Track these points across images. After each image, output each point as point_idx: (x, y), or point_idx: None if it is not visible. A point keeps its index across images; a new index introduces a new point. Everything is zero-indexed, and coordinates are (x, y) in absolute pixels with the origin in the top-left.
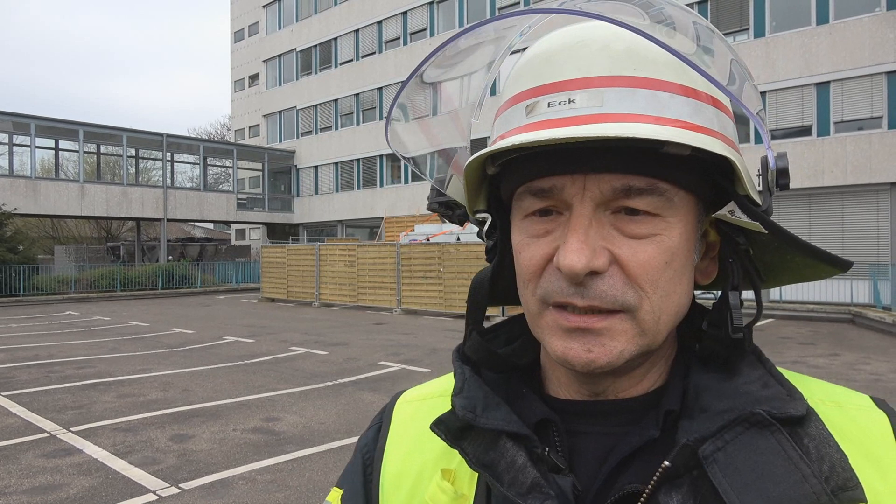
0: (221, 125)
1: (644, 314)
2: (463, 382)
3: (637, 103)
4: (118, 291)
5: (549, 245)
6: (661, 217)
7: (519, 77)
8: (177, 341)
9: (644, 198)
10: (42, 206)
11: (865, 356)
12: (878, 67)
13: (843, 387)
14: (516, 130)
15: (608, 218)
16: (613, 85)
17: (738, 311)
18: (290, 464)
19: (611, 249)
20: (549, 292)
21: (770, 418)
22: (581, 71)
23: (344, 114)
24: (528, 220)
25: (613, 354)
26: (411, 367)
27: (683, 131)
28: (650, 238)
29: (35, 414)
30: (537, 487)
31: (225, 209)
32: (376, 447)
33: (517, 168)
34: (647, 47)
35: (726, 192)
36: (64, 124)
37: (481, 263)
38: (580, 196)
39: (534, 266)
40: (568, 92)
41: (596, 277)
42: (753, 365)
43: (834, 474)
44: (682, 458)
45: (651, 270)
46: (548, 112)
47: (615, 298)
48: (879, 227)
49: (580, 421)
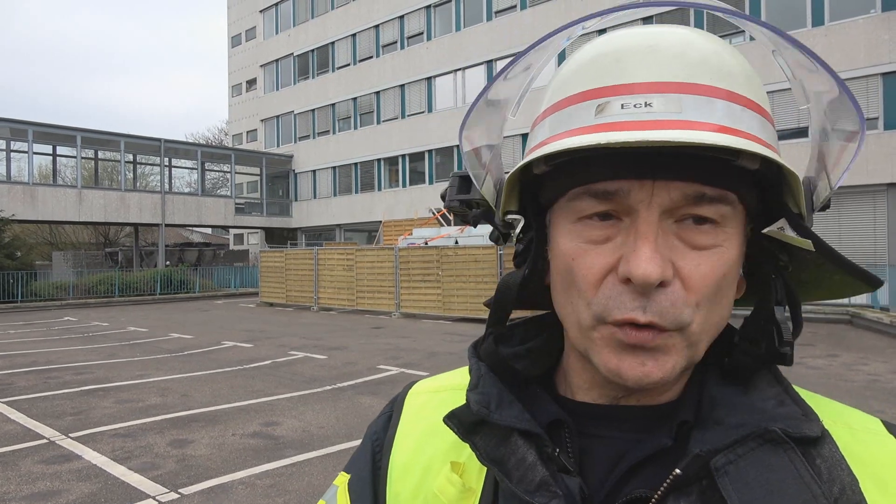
0: (219, 130)
1: (695, 327)
2: (478, 378)
3: (715, 113)
4: (116, 297)
5: (612, 254)
6: (723, 228)
7: (578, 76)
8: (175, 346)
9: (713, 206)
10: (40, 212)
11: (864, 357)
12: (873, 69)
13: (855, 409)
14: (584, 130)
15: (671, 227)
16: (691, 92)
17: (785, 325)
18: (289, 468)
19: (674, 262)
20: (608, 308)
21: (785, 436)
22: (657, 75)
23: (341, 118)
24: (583, 224)
25: (667, 370)
26: (410, 370)
27: (757, 145)
28: (713, 249)
29: (34, 420)
30: (545, 486)
31: (223, 214)
32: (386, 435)
33: (575, 169)
34: (721, 59)
35: (773, 208)
36: (61, 130)
37: (480, 267)
38: (647, 202)
39: (592, 276)
40: (644, 95)
41: (660, 290)
42: (770, 382)
43: (843, 497)
44: (693, 468)
45: (710, 284)
46: (622, 114)
47: (675, 317)
48: (876, 228)
49: (594, 424)
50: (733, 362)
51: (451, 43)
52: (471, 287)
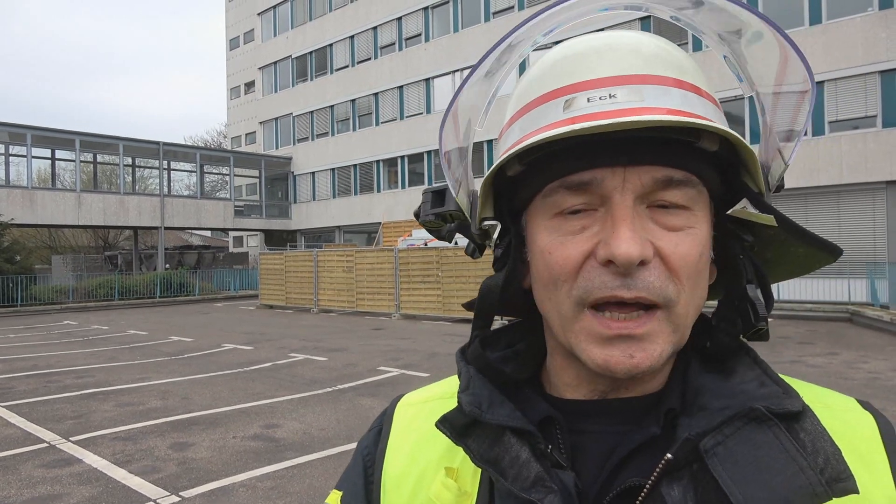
0: (218, 133)
1: (680, 308)
2: (468, 380)
3: (673, 100)
4: (116, 300)
5: (588, 241)
6: (692, 211)
7: (542, 79)
8: (175, 349)
9: (681, 190)
10: (39, 215)
11: (864, 355)
12: (871, 67)
13: (832, 390)
14: (555, 124)
15: (645, 212)
16: (649, 83)
17: (759, 301)
18: (290, 470)
19: (652, 242)
20: (589, 289)
21: (768, 413)
22: (618, 69)
23: (340, 120)
24: (559, 219)
25: (654, 357)
26: (410, 371)
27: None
28: (686, 230)
29: (34, 424)
30: (541, 481)
31: (222, 216)
32: (377, 449)
33: (548, 164)
34: (671, 53)
35: (733, 190)
36: (60, 134)
37: (479, 267)
38: (620, 188)
39: (571, 264)
40: (607, 88)
41: (642, 269)
42: (749, 366)
43: (828, 466)
44: (683, 452)
45: (690, 263)
46: (589, 106)
47: (660, 291)
48: (875, 225)
49: (583, 420)
50: (715, 344)
51: (449, 44)
52: (470, 288)
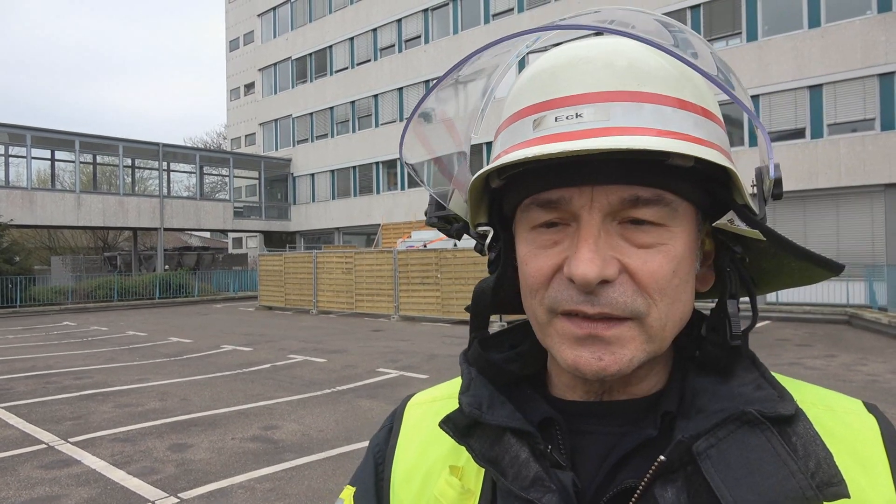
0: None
1: (652, 321)
2: (469, 381)
3: (643, 117)
4: (115, 301)
5: (558, 255)
6: (666, 227)
7: (522, 92)
8: (174, 350)
9: (650, 208)
10: (38, 216)
11: (862, 357)
12: (869, 70)
13: (838, 392)
14: (524, 144)
15: (615, 228)
16: (619, 100)
17: (736, 319)
18: (289, 472)
19: (620, 259)
20: (557, 301)
21: (761, 417)
22: (587, 86)
23: (340, 121)
24: (534, 232)
25: (623, 362)
26: (410, 373)
27: (687, 143)
28: (657, 247)
29: (33, 425)
30: (539, 481)
31: (222, 218)
32: (387, 447)
33: (524, 181)
34: (648, 64)
35: (723, 202)
36: (60, 135)
37: (478, 269)
38: (588, 207)
39: (542, 276)
40: (575, 107)
41: (606, 286)
42: (748, 369)
43: (820, 471)
44: (677, 454)
45: (660, 279)
46: (555, 126)
47: (626, 305)
48: (874, 228)
49: (583, 421)
50: (704, 353)
51: (448, 46)
52: (469, 289)
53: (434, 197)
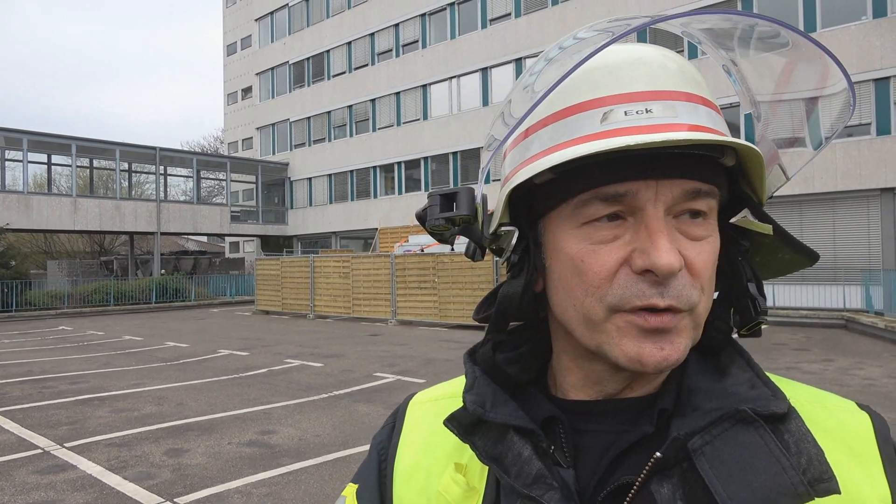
0: (215, 138)
1: (700, 310)
2: (474, 380)
3: (700, 117)
4: (111, 306)
5: (622, 249)
6: (710, 220)
7: (579, 85)
8: (171, 355)
9: (706, 200)
10: (34, 220)
11: (859, 361)
12: (865, 75)
13: (831, 392)
14: (595, 136)
15: (672, 222)
16: (680, 99)
17: (761, 298)
18: (285, 477)
19: (680, 251)
20: (626, 297)
21: (754, 415)
22: (650, 84)
23: (337, 125)
24: (590, 227)
25: (681, 351)
26: (407, 377)
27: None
28: (707, 239)
29: (28, 430)
30: (541, 479)
31: (219, 222)
32: (390, 444)
33: (585, 174)
34: (689, 70)
35: (734, 198)
36: (56, 139)
37: (475, 273)
38: (653, 200)
39: (605, 272)
40: (643, 102)
41: (674, 278)
42: (743, 368)
43: (811, 467)
44: (672, 451)
45: (708, 270)
46: (626, 120)
47: (688, 298)
48: (870, 232)
49: (585, 420)
50: (706, 339)
51: (446, 50)
52: (467, 294)
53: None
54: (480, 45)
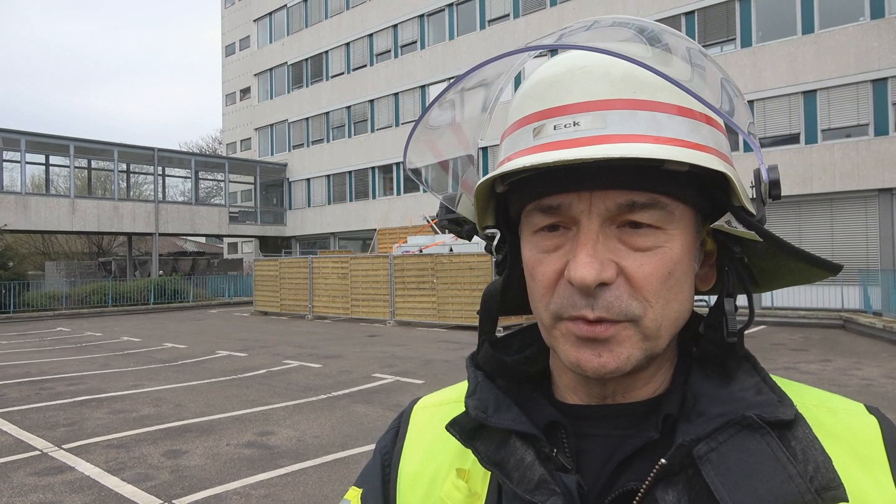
0: (213, 139)
1: (648, 322)
2: (476, 385)
3: (638, 124)
4: (110, 307)
5: (560, 260)
6: (663, 230)
7: (524, 100)
8: (169, 356)
9: (647, 212)
10: (32, 221)
11: (857, 361)
12: (863, 76)
13: (839, 395)
14: (525, 152)
15: (614, 232)
16: (615, 108)
17: (732, 317)
18: (284, 478)
19: (617, 262)
20: (562, 307)
21: (760, 421)
22: (584, 95)
23: (335, 126)
24: (538, 236)
25: (621, 359)
26: (405, 378)
27: (681, 149)
28: (654, 250)
29: (26, 431)
30: (544, 484)
31: (217, 223)
32: (394, 449)
33: (526, 187)
34: (645, 71)
35: (722, 203)
36: (54, 140)
37: (474, 274)
38: (587, 212)
39: (547, 281)
40: (573, 115)
41: (604, 289)
42: (749, 373)
43: (818, 475)
44: (678, 457)
45: (654, 281)
46: (554, 134)
47: (621, 310)
48: (868, 232)
49: (587, 424)
50: (701, 351)
51: (444, 51)
52: (465, 295)
53: (443, 201)
54: (479, 46)
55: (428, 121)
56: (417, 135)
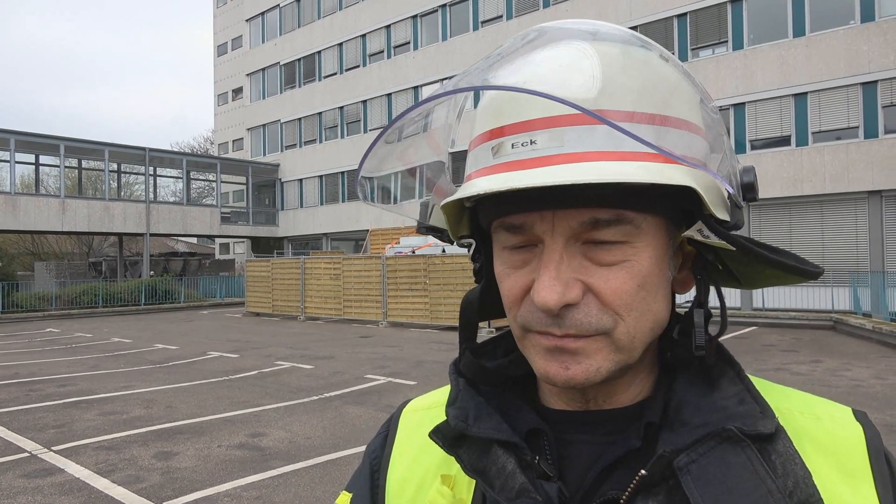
0: (205, 139)
1: (619, 334)
2: (457, 393)
3: (596, 140)
4: (100, 307)
5: (527, 276)
6: (630, 244)
7: (485, 113)
8: (160, 357)
9: (610, 228)
10: (22, 221)
11: (847, 362)
12: (853, 78)
13: (826, 399)
14: (485, 171)
15: (579, 249)
16: (572, 123)
17: (700, 329)
18: (275, 480)
19: (583, 280)
20: (528, 322)
21: (741, 434)
22: (540, 110)
23: (328, 127)
24: (506, 252)
25: (590, 372)
26: (397, 379)
27: (640, 164)
28: (621, 265)
29: (15, 433)
30: (525, 493)
31: (209, 223)
32: (383, 454)
33: (490, 205)
34: (608, 79)
35: (693, 211)
36: (44, 139)
37: (467, 275)
38: (550, 231)
39: (513, 296)
40: (530, 133)
41: (571, 309)
42: (733, 381)
43: (798, 490)
44: (658, 468)
45: (624, 295)
46: (512, 153)
47: (590, 325)
48: (858, 234)
49: (570, 430)
50: (674, 355)
51: (437, 52)
52: (458, 296)
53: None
54: (472, 48)
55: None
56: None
